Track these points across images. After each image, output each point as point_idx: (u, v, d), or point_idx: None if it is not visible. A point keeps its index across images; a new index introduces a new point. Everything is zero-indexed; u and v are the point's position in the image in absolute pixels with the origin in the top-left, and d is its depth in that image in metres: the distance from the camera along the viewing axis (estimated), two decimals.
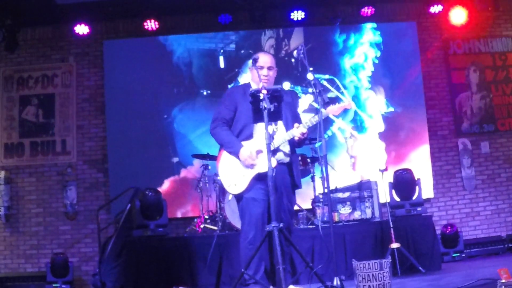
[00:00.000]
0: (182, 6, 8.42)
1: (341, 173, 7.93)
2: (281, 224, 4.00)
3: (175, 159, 8.42)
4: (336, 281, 4.15)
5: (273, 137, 4.36)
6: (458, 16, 8.42)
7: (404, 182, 6.58)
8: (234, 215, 6.38)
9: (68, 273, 7.49)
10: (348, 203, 6.30)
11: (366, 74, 8.64)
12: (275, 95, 4.10)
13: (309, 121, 4.40)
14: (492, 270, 4.59)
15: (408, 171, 6.66)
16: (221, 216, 6.70)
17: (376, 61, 8.65)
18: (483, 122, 8.63)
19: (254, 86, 4.58)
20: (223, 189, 6.08)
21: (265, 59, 4.61)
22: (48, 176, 8.41)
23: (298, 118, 4.67)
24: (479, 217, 8.42)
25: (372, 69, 8.65)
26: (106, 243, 6.16)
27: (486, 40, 8.77)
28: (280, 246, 3.90)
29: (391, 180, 6.65)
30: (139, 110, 8.45)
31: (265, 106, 4.01)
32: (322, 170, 4.73)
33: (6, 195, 8.20)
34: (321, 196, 6.46)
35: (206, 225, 6.79)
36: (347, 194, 6.32)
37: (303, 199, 7.28)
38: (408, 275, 5.49)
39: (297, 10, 8.39)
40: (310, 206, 7.00)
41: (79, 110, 8.56)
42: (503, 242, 7.82)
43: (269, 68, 4.59)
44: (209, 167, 7.19)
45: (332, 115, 4.57)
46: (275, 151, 4.36)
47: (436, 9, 8.49)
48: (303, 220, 6.75)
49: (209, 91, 8.48)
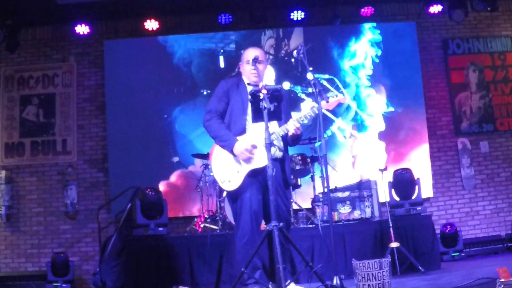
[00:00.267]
0: (182, 6, 8.44)
1: (341, 173, 7.93)
2: (281, 224, 3.94)
3: (175, 159, 8.43)
4: (335, 280, 4.14)
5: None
6: (457, 16, 8.44)
7: (403, 182, 6.60)
8: None
9: (68, 272, 7.49)
10: (348, 202, 6.30)
11: (366, 72, 8.65)
12: (275, 95, 4.02)
13: (303, 116, 4.30)
14: (491, 269, 4.61)
15: (407, 171, 6.68)
16: (221, 216, 6.71)
17: (377, 60, 8.66)
18: (482, 122, 8.64)
19: (246, 80, 4.58)
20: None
21: (251, 53, 4.54)
22: (49, 175, 8.42)
23: (289, 114, 4.56)
24: (478, 217, 8.44)
25: (372, 67, 8.66)
26: (107, 242, 6.16)
27: (485, 40, 8.79)
28: (280, 245, 3.87)
29: (391, 179, 6.67)
30: (140, 110, 8.47)
31: (265, 105, 3.95)
32: (322, 170, 4.73)
33: (7, 195, 8.21)
34: (320, 196, 6.47)
35: (206, 225, 6.79)
36: (346, 194, 6.33)
37: (303, 199, 7.31)
38: (407, 274, 5.50)
39: (297, 10, 8.40)
40: (310, 206, 7.01)
41: (80, 110, 8.57)
42: (502, 241, 7.84)
43: (256, 61, 4.47)
44: (210, 166, 7.17)
45: (327, 110, 4.52)
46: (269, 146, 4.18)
47: (435, 9, 8.50)
48: (303, 220, 6.75)
49: (209, 91, 8.47)
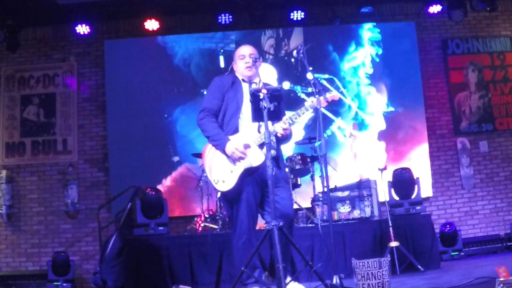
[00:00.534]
0: (182, 6, 8.45)
1: (341, 173, 7.94)
2: (281, 223, 3.90)
3: (176, 158, 8.44)
4: (335, 280, 4.15)
5: (259, 131, 4.28)
6: (457, 16, 8.45)
7: (403, 181, 6.60)
8: None
9: (69, 271, 7.51)
10: (348, 201, 6.29)
11: (366, 71, 8.66)
12: (275, 95, 4.01)
13: (295, 114, 4.30)
14: (490, 269, 4.62)
15: (407, 170, 6.69)
16: (221, 215, 6.73)
17: (377, 59, 8.67)
18: (482, 122, 8.66)
19: (240, 77, 4.59)
20: None
21: (244, 49, 4.58)
22: (49, 175, 8.43)
23: (284, 114, 4.47)
24: (478, 216, 8.45)
25: (371, 66, 8.68)
26: (107, 241, 6.15)
27: (485, 40, 8.81)
28: (280, 245, 3.85)
29: (390, 179, 6.67)
30: (140, 109, 8.48)
31: (265, 105, 3.93)
32: (321, 169, 4.75)
33: (8, 194, 8.22)
34: (320, 195, 6.46)
35: (206, 224, 6.79)
36: (346, 193, 6.32)
37: (303, 198, 7.32)
38: (407, 274, 5.51)
39: (297, 10, 8.42)
40: (309, 205, 7.01)
41: (80, 109, 8.58)
42: (501, 241, 7.85)
43: (251, 56, 4.51)
44: (202, 166, 7.17)
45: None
46: (262, 144, 4.17)
47: (435, 9, 8.52)
48: (303, 219, 6.75)
49: None
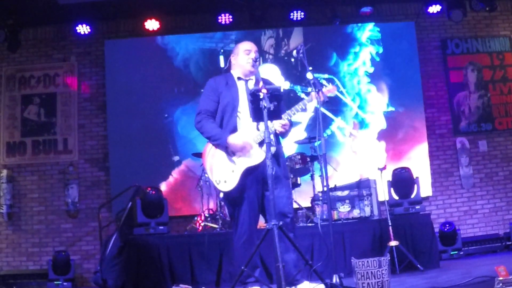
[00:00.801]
0: (182, 6, 8.46)
1: (341, 172, 7.96)
2: (281, 222, 3.90)
3: (176, 158, 8.46)
4: (335, 279, 4.17)
5: (258, 129, 4.29)
6: (456, 16, 8.47)
7: (402, 181, 6.62)
8: None
9: (69, 270, 7.54)
10: (347, 201, 6.30)
11: (365, 69, 8.67)
12: (275, 94, 4.01)
13: (294, 109, 4.32)
14: (490, 268, 4.63)
15: (406, 170, 6.70)
16: (221, 214, 6.74)
17: (377, 58, 8.69)
18: (481, 121, 8.67)
19: (237, 73, 4.59)
20: None
21: (248, 44, 4.59)
22: (50, 174, 8.44)
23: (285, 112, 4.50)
24: (477, 215, 8.47)
25: (371, 64, 8.69)
26: (107, 241, 6.16)
27: (484, 40, 8.83)
28: (283, 243, 3.88)
29: (390, 178, 6.69)
30: (140, 109, 8.49)
31: (265, 105, 3.92)
32: (321, 169, 4.76)
33: (8, 194, 8.23)
34: (320, 194, 6.47)
35: (207, 223, 6.80)
36: (346, 192, 6.33)
37: (303, 197, 7.33)
38: (406, 273, 5.52)
39: (297, 11, 8.43)
40: (309, 204, 7.01)
41: (81, 109, 8.60)
42: (500, 240, 7.87)
43: (256, 53, 4.54)
44: (202, 167, 7.15)
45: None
46: (262, 142, 4.17)
47: (434, 9, 8.54)
48: (303, 218, 6.76)
49: None
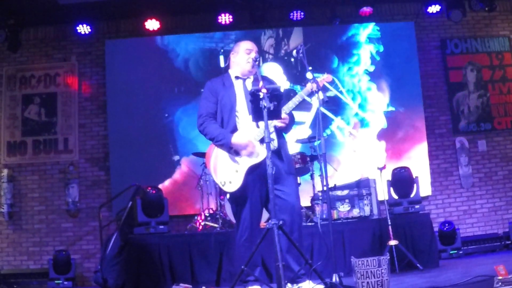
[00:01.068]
0: (182, 6, 8.47)
1: (340, 172, 7.98)
2: (281, 222, 3.89)
3: (176, 157, 8.47)
4: (335, 278, 4.20)
5: (258, 126, 4.31)
6: (456, 16, 8.48)
7: (402, 180, 6.63)
8: None
9: (70, 270, 7.54)
10: (347, 200, 6.31)
11: (366, 68, 8.69)
12: (275, 94, 4.01)
13: (291, 103, 4.35)
14: (489, 267, 4.62)
15: (406, 169, 6.71)
16: (221, 214, 6.76)
17: (377, 57, 8.70)
18: (480, 121, 8.68)
19: (236, 72, 4.61)
20: None
21: (250, 44, 4.62)
22: (51, 174, 8.45)
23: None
24: (476, 215, 8.48)
25: (370, 62, 8.70)
26: (108, 240, 6.17)
27: (483, 40, 8.84)
28: (283, 242, 3.90)
29: (389, 178, 6.70)
30: (140, 108, 8.51)
31: (265, 105, 3.93)
32: (321, 168, 4.78)
33: (9, 193, 8.25)
34: (320, 194, 6.47)
35: (207, 223, 6.81)
36: (346, 192, 6.34)
37: (303, 197, 7.30)
38: (406, 272, 5.54)
39: (297, 11, 8.44)
40: (309, 204, 7.04)
41: (81, 109, 8.61)
42: (500, 239, 7.88)
43: (257, 53, 4.56)
44: (206, 170, 7.15)
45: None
46: (263, 139, 4.14)
47: (433, 9, 8.56)
48: (303, 218, 6.78)
49: None
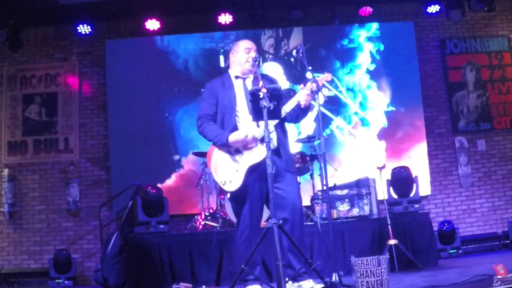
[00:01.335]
0: (182, 6, 8.48)
1: (340, 172, 7.99)
2: (281, 221, 3.94)
3: (176, 157, 8.48)
4: (334, 277, 4.20)
5: (259, 125, 4.31)
6: (455, 16, 8.49)
7: (401, 180, 6.64)
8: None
9: (70, 269, 7.57)
10: (347, 200, 6.30)
11: (366, 66, 8.70)
12: (275, 94, 4.03)
13: (287, 106, 4.36)
14: (488, 266, 4.60)
15: (405, 169, 6.72)
16: (221, 213, 6.77)
17: (377, 56, 8.71)
18: (480, 121, 8.70)
19: (236, 72, 4.61)
20: None
21: (249, 43, 4.63)
22: (51, 173, 8.47)
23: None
24: (476, 214, 8.49)
25: (371, 62, 8.72)
26: (108, 239, 6.19)
27: (483, 40, 8.85)
28: (282, 242, 3.90)
29: (389, 177, 6.70)
30: (141, 108, 8.52)
31: (265, 104, 3.94)
32: (321, 168, 4.80)
33: (10, 193, 8.26)
34: (320, 193, 6.48)
35: (207, 222, 6.82)
36: (345, 191, 6.34)
37: (303, 196, 7.31)
38: (405, 271, 5.53)
39: (297, 11, 8.45)
40: (309, 203, 7.04)
41: (82, 108, 8.62)
42: (499, 239, 7.89)
43: (256, 52, 4.58)
44: (207, 170, 7.15)
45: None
46: (262, 139, 4.15)
47: (433, 9, 8.57)
48: (304, 216, 6.79)
49: None
